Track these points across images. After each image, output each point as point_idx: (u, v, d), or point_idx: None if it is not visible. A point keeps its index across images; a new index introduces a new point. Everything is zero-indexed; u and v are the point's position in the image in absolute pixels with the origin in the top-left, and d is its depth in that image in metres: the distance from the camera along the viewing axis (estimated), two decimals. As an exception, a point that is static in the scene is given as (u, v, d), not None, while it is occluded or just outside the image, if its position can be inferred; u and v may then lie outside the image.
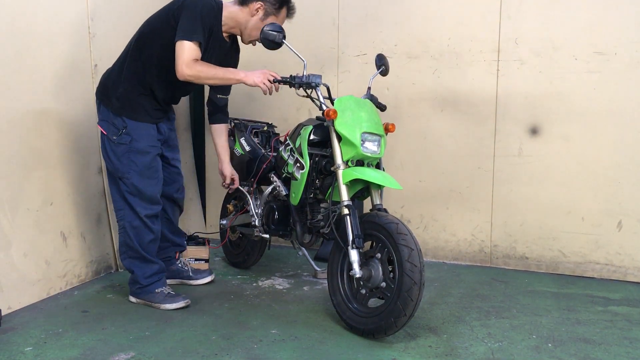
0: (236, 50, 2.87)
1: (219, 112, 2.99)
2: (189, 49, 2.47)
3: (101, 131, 2.67)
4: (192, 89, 3.02)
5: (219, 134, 3.02)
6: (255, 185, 3.10)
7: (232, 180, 3.11)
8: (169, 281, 2.99)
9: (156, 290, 2.71)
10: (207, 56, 2.61)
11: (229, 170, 3.08)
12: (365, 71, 3.53)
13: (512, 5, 3.29)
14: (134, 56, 2.63)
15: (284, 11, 2.72)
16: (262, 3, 2.64)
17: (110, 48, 3.19)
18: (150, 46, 2.60)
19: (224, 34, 2.71)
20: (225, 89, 2.94)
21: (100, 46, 3.12)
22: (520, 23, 3.28)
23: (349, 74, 3.67)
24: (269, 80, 2.52)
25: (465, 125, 3.46)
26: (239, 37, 2.79)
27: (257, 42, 2.73)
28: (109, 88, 2.66)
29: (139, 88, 2.63)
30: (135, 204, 2.65)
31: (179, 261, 3.09)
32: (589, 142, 3.21)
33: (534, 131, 3.32)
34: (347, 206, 2.40)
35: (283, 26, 2.56)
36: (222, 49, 2.72)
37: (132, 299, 2.76)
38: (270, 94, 2.56)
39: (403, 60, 3.55)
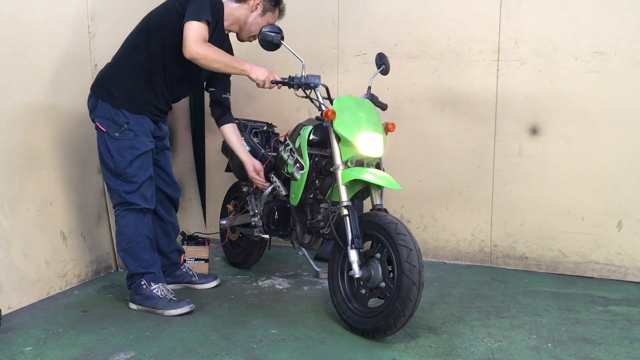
0: (230, 48, 2.90)
1: (228, 113, 2.95)
2: (197, 27, 2.45)
3: (99, 128, 2.61)
4: (196, 85, 2.96)
5: (232, 133, 2.92)
6: (255, 186, 3.10)
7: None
8: (174, 286, 2.96)
9: (158, 294, 2.64)
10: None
11: (258, 165, 2.92)
12: (365, 71, 3.53)
13: (512, 5, 3.29)
14: (139, 49, 2.60)
15: (277, 10, 2.82)
16: None
17: (110, 48, 3.18)
18: (156, 36, 2.59)
19: (225, 31, 2.77)
20: (226, 86, 2.93)
21: (100, 46, 3.12)
22: (520, 23, 3.28)
23: (348, 74, 3.67)
24: (270, 81, 2.53)
25: (465, 125, 3.46)
26: (231, 36, 2.84)
27: (253, 38, 2.80)
28: (110, 83, 2.61)
29: (142, 82, 2.61)
30: (132, 199, 2.62)
31: (183, 266, 3.07)
32: (589, 142, 3.21)
33: (534, 131, 3.32)
34: (346, 207, 2.40)
35: (283, 27, 2.57)
36: (223, 46, 2.73)
37: (133, 305, 2.67)
38: (263, 88, 2.58)
39: (403, 60, 3.55)
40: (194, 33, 2.45)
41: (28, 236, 2.70)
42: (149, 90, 2.64)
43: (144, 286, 2.65)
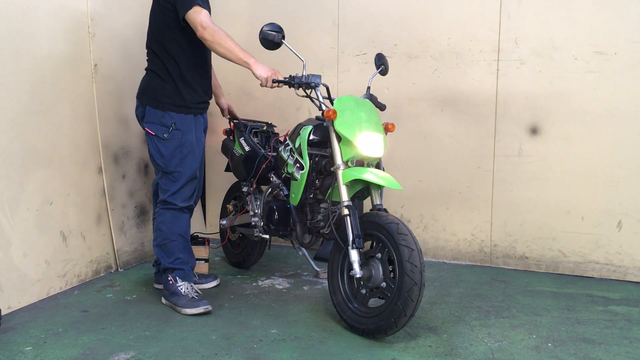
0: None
1: None
2: (195, 14, 2.52)
3: (148, 132, 2.71)
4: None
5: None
6: (255, 186, 3.10)
7: (229, 110, 3.29)
8: None
9: (182, 291, 2.70)
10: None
11: (224, 102, 3.27)
12: (365, 71, 3.54)
13: (512, 5, 3.29)
14: (161, 56, 2.69)
15: None
16: None
17: (110, 48, 3.20)
18: (167, 39, 2.66)
19: None
20: None
21: (100, 46, 3.12)
22: (520, 23, 3.28)
23: (348, 74, 3.67)
24: (272, 80, 2.52)
25: (465, 125, 3.46)
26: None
27: None
28: (153, 90, 2.70)
29: (180, 83, 2.69)
30: (171, 199, 2.75)
31: None
32: (589, 142, 3.21)
33: (534, 131, 3.32)
34: (347, 206, 2.40)
35: (283, 26, 2.56)
36: None
37: (163, 300, 2.77)
38: (265, 86, 2.58)
39: (403, 60, 3.55)
40: (198, 19, 2.52)
41: (28, 236, 2.70)
42: (188, 88, 2.71)
43: (171, 282, 2.73)
